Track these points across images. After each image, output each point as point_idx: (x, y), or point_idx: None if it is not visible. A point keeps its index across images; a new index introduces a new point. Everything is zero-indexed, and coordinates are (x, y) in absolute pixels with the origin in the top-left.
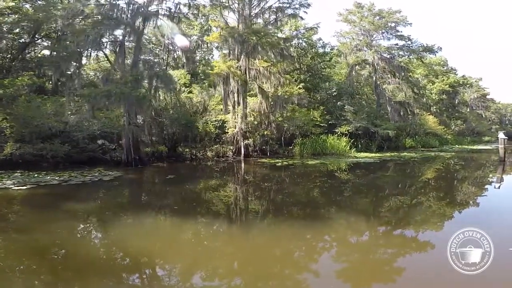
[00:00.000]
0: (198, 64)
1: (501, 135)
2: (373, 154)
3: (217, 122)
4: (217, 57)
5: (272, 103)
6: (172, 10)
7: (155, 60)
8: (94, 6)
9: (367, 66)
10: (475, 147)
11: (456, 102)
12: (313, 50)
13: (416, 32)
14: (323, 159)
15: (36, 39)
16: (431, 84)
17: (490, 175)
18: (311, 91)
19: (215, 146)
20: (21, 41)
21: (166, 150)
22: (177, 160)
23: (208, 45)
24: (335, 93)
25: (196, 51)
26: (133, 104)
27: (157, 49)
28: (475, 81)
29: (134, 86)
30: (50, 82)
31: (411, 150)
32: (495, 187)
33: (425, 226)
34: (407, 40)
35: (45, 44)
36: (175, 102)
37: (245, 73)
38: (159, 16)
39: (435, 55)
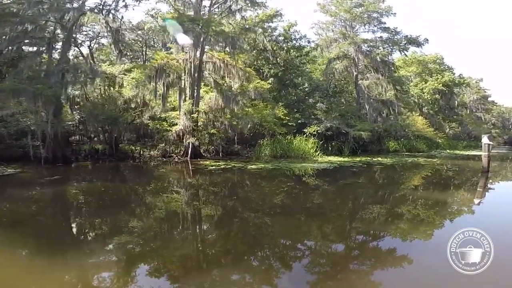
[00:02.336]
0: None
1: (484, 139)
2: (340, 159)
3: (168, 120)
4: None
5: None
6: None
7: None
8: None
9: (347, 60)
10: (468, 152)
11: (455, 104)
12: (288, 43)
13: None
14: (279, 162)
15: None
16: (423, 82)
17: (466, 194)
18: (287, 87)
19: (161, 145)
20: None
21: (105, 149)
22: (118, 159)
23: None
24: (307, 89)
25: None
26: (46, 101)
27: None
28: (475, 81)
29: (44, 82)
30: None
31: (392, 155)
32: (471, 206)
33: (426, 228)
34: (393, 33)
35: None
36: (105, 97)
37: (192, 65)
38: (95, 11)
39: (422, 47)
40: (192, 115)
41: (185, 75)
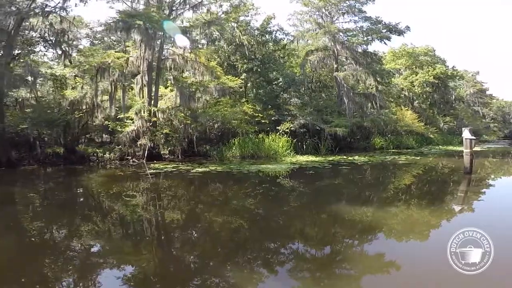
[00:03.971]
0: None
1: (466, 133)
2: (311, 159)
3: (124, 120)
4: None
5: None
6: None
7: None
8: None
9: (323, 52)
10: (462, 148)
11: (452, 98)
12: (265, 37)
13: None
14: (241, 164)
15: None
16: (414, 75)
17: (443, 203)
18: (263, 82)
19: (118, 147)
20: None
21: (63, 151)
22: (74, 163)
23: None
24: (280, 84)
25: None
26: None
27: None
28: (472, 75)
29: None
30: None
31: (377, 153)
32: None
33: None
34: (374, 22)
35: None
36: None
37: (148, 63)
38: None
39: (403, 36)
40: (143, 115)
41: (141, 73)
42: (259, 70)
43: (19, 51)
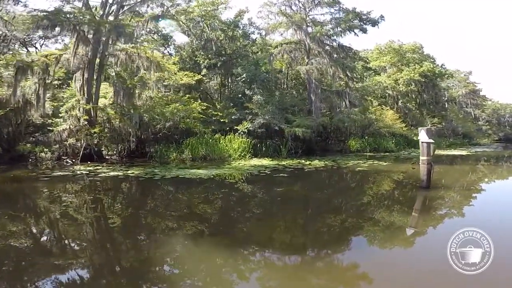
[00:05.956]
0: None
1: (422, 135)
2: (266, 162)
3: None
4: None
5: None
6: None
7: None
8: None
9: (289, 46)
10: (448, 152)
11: (443, 99)
12: (235, 31)
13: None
14: (179, 168)
15: None
16: (399, 73)
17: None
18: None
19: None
20: None
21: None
22: (10, 163)
23: None
24: (243, 79)
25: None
26: None
27: None
28: (464, 75)
29: None
30: None
31: (351, 156)
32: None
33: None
34: (348, 13)
35: None
36: None
37: (88, 60)
38: None
39: (377, 26)
40: (75, 113)
41: (80, 70)
42: (222, 65)
43: None
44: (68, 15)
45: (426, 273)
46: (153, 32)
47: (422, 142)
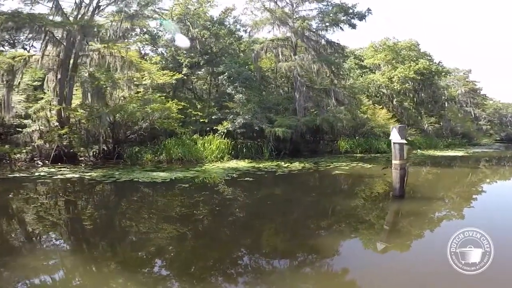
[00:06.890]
0: None
1: (393, 134)
2: (243, 164)
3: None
4: None
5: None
6: None
7: None
8: None
9: (274, 42)
10: (445, 153)
11: (442, 98)
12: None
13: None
14: (145, 170)
15: None
16: (393, 71)
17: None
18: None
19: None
20: None
21: None
22: None
23: None
24: (225, 78)
25: None
26: None
27: None
28: (463, 73)
29: None
30: None
31: (339, 157)
32: None
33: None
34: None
35: None
36: None
37: (60, 62)
38: None
39: (365, 20)
40: (43, 114)
41: (52, 71)
42: (206, 64)
43: None
44: (33, 17)
45: (426, 273)
46: (142, 32)
47: (394, 143)
